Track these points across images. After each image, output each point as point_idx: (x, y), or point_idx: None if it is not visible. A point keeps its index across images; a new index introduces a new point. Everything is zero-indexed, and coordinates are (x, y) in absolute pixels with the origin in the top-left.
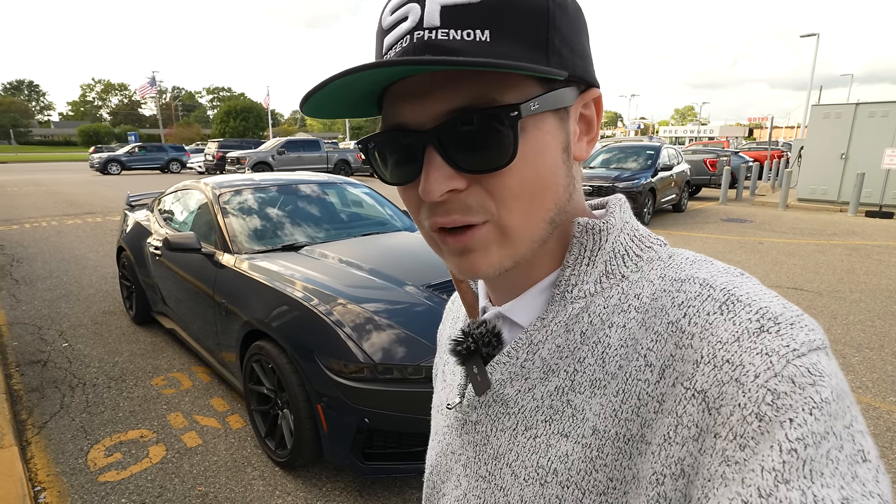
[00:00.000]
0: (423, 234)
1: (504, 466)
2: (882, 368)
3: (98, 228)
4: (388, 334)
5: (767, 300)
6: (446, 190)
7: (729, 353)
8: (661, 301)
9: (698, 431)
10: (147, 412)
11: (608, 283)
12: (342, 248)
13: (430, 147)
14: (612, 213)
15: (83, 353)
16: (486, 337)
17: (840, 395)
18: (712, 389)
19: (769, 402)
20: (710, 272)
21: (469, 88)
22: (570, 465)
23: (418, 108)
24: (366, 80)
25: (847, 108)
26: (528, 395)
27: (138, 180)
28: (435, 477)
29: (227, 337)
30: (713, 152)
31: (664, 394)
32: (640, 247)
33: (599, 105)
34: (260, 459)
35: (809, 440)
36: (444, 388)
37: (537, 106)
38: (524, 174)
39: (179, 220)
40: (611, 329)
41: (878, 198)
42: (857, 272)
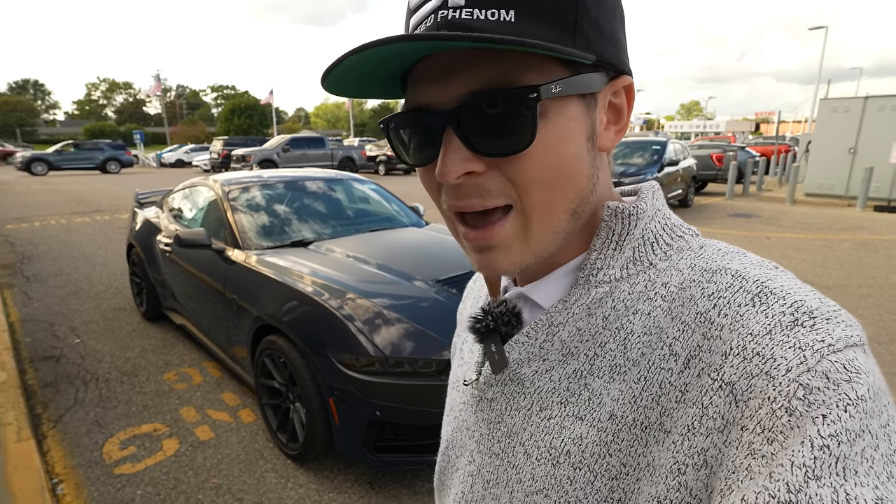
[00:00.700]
0: (446, 219)
1: (517, 445)
2: (892, 363)
3: (107, 226)
4: (398, 328)
5: (803, 294)
6: (462, 172)
7: (760, 346)
8: (690, 291)
9: (724, 423)
10: (160, 406)
11: (635, 270)
12: (350, 243)
13: (448, 128)
14: (643, 199)
15: (95, 348)
16: (505, 316)
17: (877, 393)
18: (741, 382)
19: (801, 397)
20: (742, 264)
21: (490, 69)
22: (584, 447)
23: (440, 89)
24: (386, 57)
25: (856, 102)
26: (546, 377)
27: (137, 178)
28: (450, 451)
29: (239, 332)
30: (719, 147)
31: (688, 384)
32: (671, 235)
33: (631, 94)
34: (272, 452)
35: (843, 437)
36: (462, 366)
37: (559, 89)
38: (544, 160)
39: (189, 217)
40: (635, 316)
41: (887, 192)
42: (865, 267)
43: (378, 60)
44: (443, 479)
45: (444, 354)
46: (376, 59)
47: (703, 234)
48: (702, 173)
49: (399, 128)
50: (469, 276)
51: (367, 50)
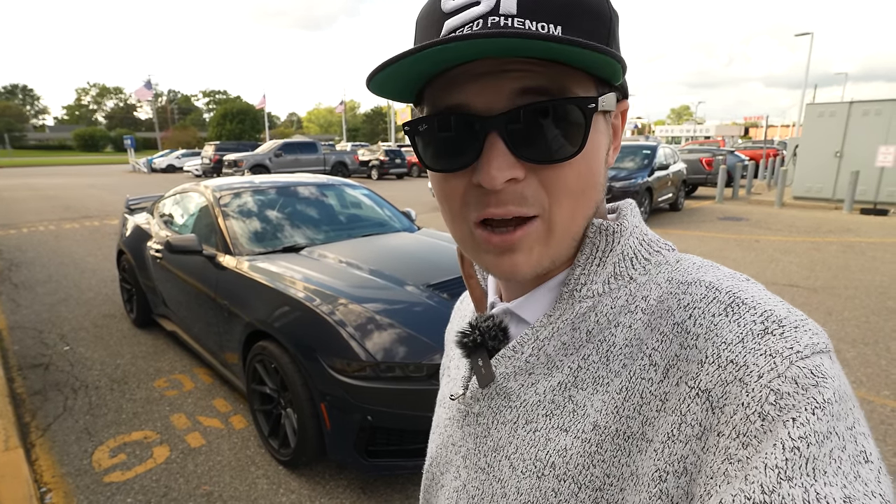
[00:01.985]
0: (459, 230)
1: (503, 458)
2: (876, 363)
3: (96, 232)
4: (390, 333)
5: (772, 304)
6: (508, 178)
7: (733, 354)
8: (668, 303)
9: (701, 430)
10: (150, 413)
11: (616, 285)
12: (342, 248)
13: (493, 133)
14: (624, 217)
15: (85, 356)
16: (492, 331)
17: (843, 396)
18: (716, 389)
19: (772, 402)
20: (716, 276)
21: (538, 78)
22: (569, 459)
23: (486, 88)
24: (435, 60)
25: (841, 107)
26: (531, 390)
27: (128, 184)
28: (434, 468)
29: (230, 338)
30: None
31: (667, 393)
32: (649, 251)
33: (625, 117)
34: (263, 458)
35: (812, 439)
36: (449, 383)
37: (605, 104)
38: (581, 169)
39: (179, 222)
40: (617, 329)
41: (873, 195)
42: (851, 269)
43: (427, 63)
44: (427, 496)
45: (435, 359)
46: (427, 61)
47: (694, 237)
48: (692, 177)
49: (430, 130)
50: (459, 280)
51: (430, 49)
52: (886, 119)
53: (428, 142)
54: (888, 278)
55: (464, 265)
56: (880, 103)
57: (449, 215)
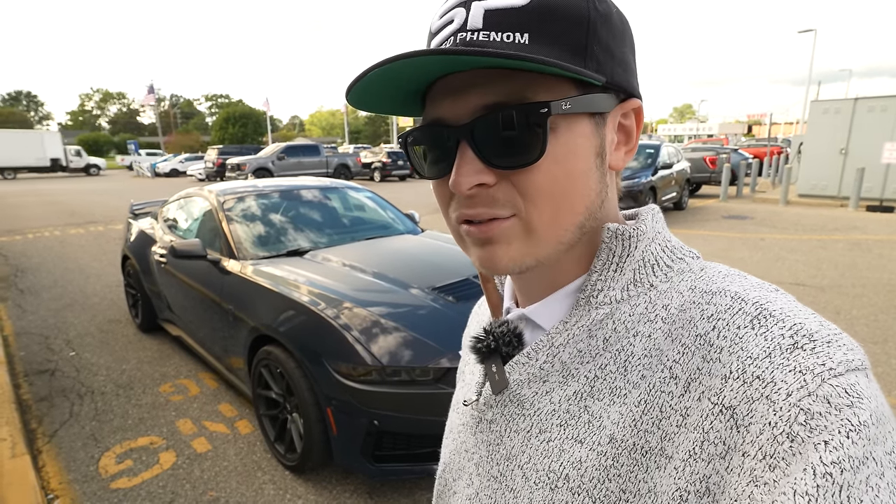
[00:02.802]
0: (451, 228)
1: (516, 468)
2: (887, 363)
3: (101, 237)
4: (395, 337)
5: (803, 316)
6: (475, 184)
7: (760, 370)
8: (690, 313)
9: (725, 449)
10: (156, 419)
11: (635, 292)
12: (346, 252)
13: (463, 141)
14: (643, 221)
15: (90, 361)
16: (507, 336)
17: (881, 419)
18: (741, 406)
19: (802, 423)
20: (742, 286)
21: (504, 86)
22: (583, 472)
23: (456, 104)
24: (405, 74)
25: (846, 104)
26: (546, 398)
27: (132, 189)
28: (447, 474)
29: (235, 343)
30: (713, 150)
31: (689, 408)
32: (672, 257)
33: (640, 116)
34: (270, 464)
35: (847, 465)
36: (463, 388)
37: (569, 106)
38: (553, 173)
39: (184, 227)
40: (635, 338)
41: (879, 192)
42: (859, 267)
43: (400, 76)
44: (440, 502)
45: (441, 362)
46: (398, 75)
47: (699, 236)
48: (695, 176)
49: (416, 142)
50: (464, 283)
51: (390, 64)
52: (892, 115)
53: (418, 152)
54: (895, 276)
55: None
56: (886, 99)
57: (444, 216)
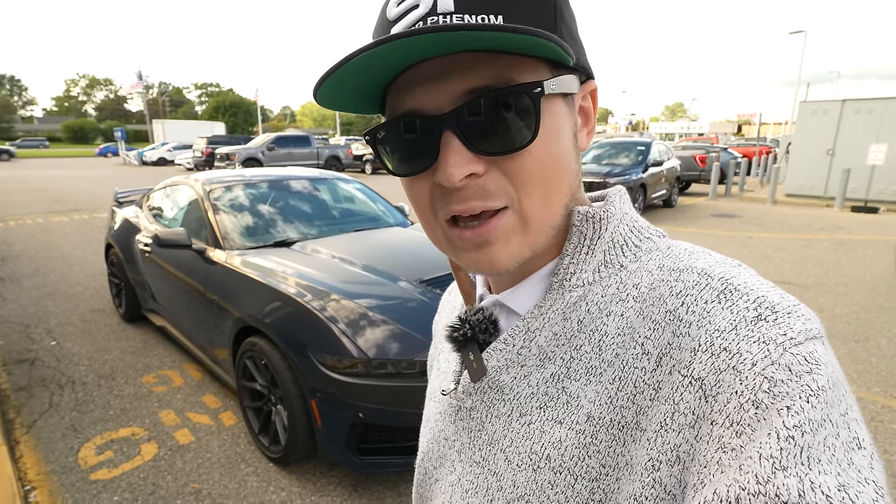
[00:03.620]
0: (433, 233)
1: (498, 452)
2: (867, 360)
3: (85, 225)
4: (382, 329)
5: (765, 290)
6: (467, 174)
7: (726, 342)
8: (659, 290)
9: (694, 419)
10: (138, 410)
11: (606, 273)
12: (334, 243)
13: (447, 131)
14: (611, 203)
15: (72, 351)
16: (483, 324)
17: (836, 383)
18: (709, 377)
19: (766, 390)
20: (707, 262)
21: (488, 69)
22: (564, 451)
23: (435, 91)
24: (382, 63)
25: (834, 105)
26: (524, 382)
27: (117, 177)
28: (427, 463)
29: (220, 333)
30: (703, 148)
31: (661, 381)
32: (640, 237)
33: (595, 97)
34: (253, 456)
35: (807, 427)
36: (439, 377)
37: (555, 86)
38: (543, 156)
39: (169, 216)
40: (608, 318)
41: (864, 193)
42: (843, 266)
43: (380, 63)
44: (421, 490)
45: (427, 355)
46: (370, 68)
47: (687, 234)
48: (685, 174)
49: (388, 137)
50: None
51: (365, 53)
52: (878, 117)
53: (389, 149)
54: (878, 276)
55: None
56: (872, 101)
57: (422, 218)
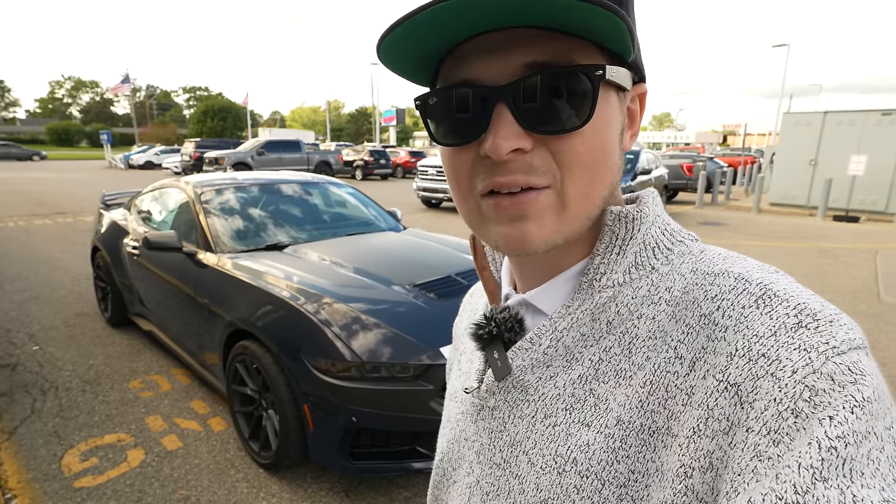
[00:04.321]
0: (465, 205)
1: (521, 454)
2: None
3: (69, 229)
4: (376, 333)
5: (805, 296)
6: (514, 147)
7: (765, 348)
8: (693, 294)
9: (729, 425)
10: (124, 416)
11: (637, 275)
12: (327, 247)
13: (500, 103)
14: (644, 205)
15: (55, 356)
16: (508, 322)
17: (881, 395)
18: (746, 383)
19: (806, 399)
20: (744, 267)
21: (551, 46)
22: (591, 454)
23: (493, 63)
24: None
25: (816, 117)
26: (550, 383)
27: (104, 180)
28: (445, 464)
29: (210, 338)
30: (689, 157)
31: (694, 386)
32: (672, 240)
33: (643, 101)
34: (243, 461)
35: (850, 439)
36: (461, 376)
37: (614, 75)
38: (592, 142)
39: (158, 219)
40: (639, 320)
41: (845, 202)
42: (827, 274)
43: (437, 27)
44: (437, 493)
45: (421, 359)
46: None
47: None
48: (673, 182)
49: (440, 104)
50: (446, 281)
51: (443, 3)
52: (858, 129)
53: (438, 116)
54: (860, 283)
55: (476, 256)
56: (853, 114)
57: (457, 190)
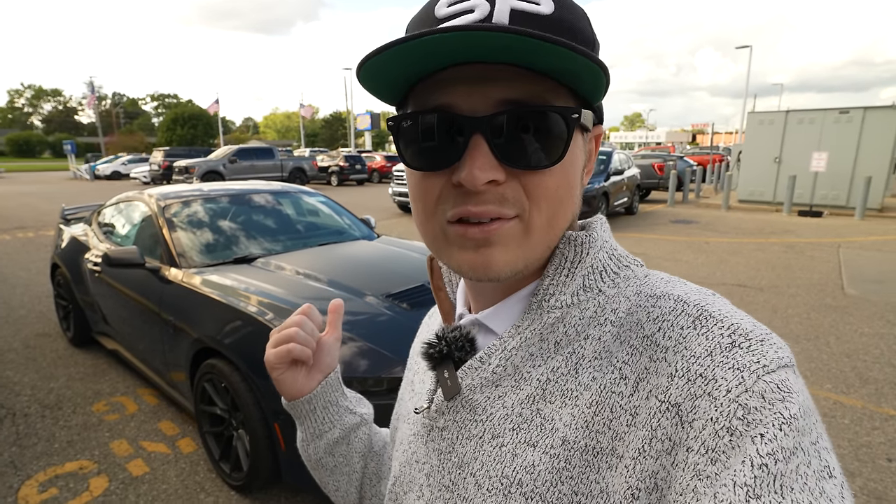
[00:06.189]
0: (429, 228)
1: (468, 476)
2: (818, 358)
3: (30, 244)
4: (349, 347)
5: (738, 317)
6: (490, 179)
7: (702, 367)
8: (637, 316)
9: (671, 445)
10: (87, 441)
11: (585, 296)
12: (298, 258)
13: (477, 134)
14: (593, 230)
15: (13, 380)
16: (459, 341)
17: (807, 411)
18: (686, 403)
19: (740, 417)
20: (683, 290)
21: (527, 86)
22: (536, 475)
23: (472, 94)
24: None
25: (779, 116)
26: (498, 403)
27: (66, 192)
28: (397, 488)
29: (176, 356)
30: (660, 157)
31: (638, 406)
32: (618, 265)
33: (599, 141)
34: (214, 484)
35: (780, 455)
36: (413, 398)
37: (584, 118)
38: (561, 178)
39: (121, 233)
40: (586, 341)
41: (809, 198)
42: (793, 268)
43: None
44: None
45: (395, 372)
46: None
47: (649, 240)
48: (645, 182)
49: (414, 127)
50: (419, 290)
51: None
52: (818, 127)
53: (411, 139)
54: (825, 276)
55: (433, 277)
56: (813, 112)
57: (422, 213)
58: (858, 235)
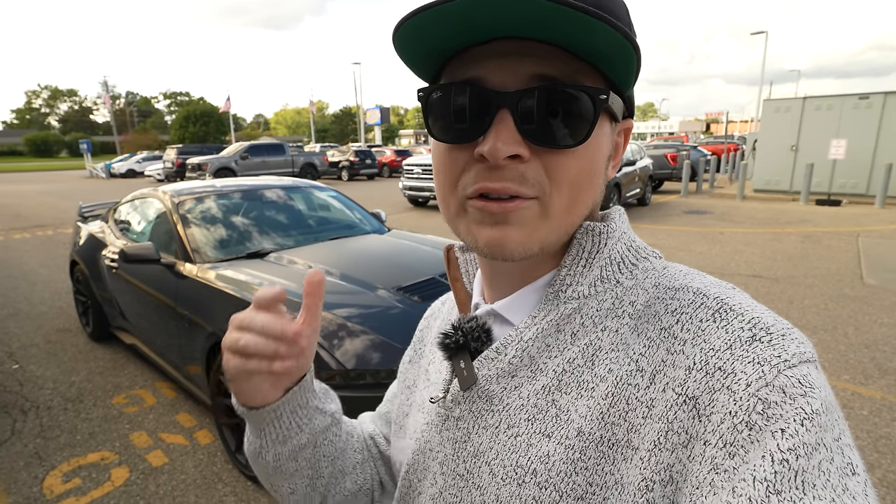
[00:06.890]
0: (447, 202)
1: (483, 465)
2: (836, 349)
3: (49, 242)
4: (361, 340)
5: (759, 311)
6: (513, 153)
7: (721, 361)
8: (655, 308)
9: (688, 438)
10: (108, 433)
11: (602, 288)
12: (309, 253)
13: (504, 109)
14: (612, 221)
15: (36, 374)
16: (475, 332)
17: (829, 407)
18: (703, 396)
19: (760, 411)
20: (703, 283)
21: (560, 64)
22: (551, 466)
23: (504, 68)
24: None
25: (796, 103)
26: (514, 393)
27: (84, 190)
28: (411, 475)
29: (192, 349)
30: (673, 147)
31: (654, 399)
32: (636, 256)
33: (628, 136)
34: (231, 475)
35: (801, 451)
36: (428, 387)
37: (613, 103)
38: (583, 162)
39: (137, 230)
40: (603, 332)
41: (827, 186)
42: (810, 258)
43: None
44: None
45: None
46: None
47: (662, 231)
48: (658, 172)
49: (443, 99)
50: (430, 283)
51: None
52: (837, 114)
53: (439, 111)
54: (843, 266)
55: (450, 267)
56: (831, 98)
57: (444, 186)
58: (879, 224)
